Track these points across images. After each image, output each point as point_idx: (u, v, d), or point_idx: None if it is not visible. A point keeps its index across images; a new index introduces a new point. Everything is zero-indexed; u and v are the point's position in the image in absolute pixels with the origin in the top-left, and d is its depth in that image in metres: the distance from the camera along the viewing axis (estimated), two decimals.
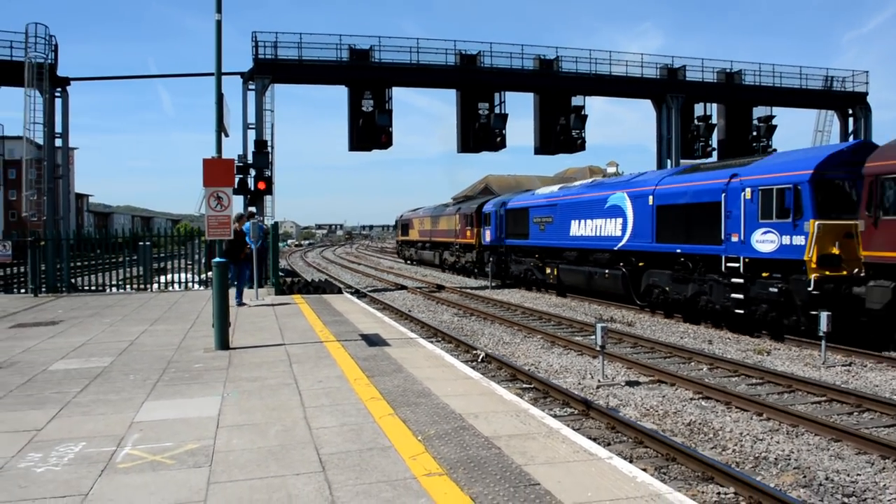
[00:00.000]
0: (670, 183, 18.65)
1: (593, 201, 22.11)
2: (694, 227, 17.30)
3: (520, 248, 28.28)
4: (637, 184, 20.20)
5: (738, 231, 15.81)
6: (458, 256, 38.36)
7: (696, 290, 17.39)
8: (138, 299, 18.44)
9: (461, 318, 19.53)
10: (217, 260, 10.39)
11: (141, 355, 10.06)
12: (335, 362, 9.37)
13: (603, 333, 11.03)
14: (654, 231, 18.86)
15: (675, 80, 32.53)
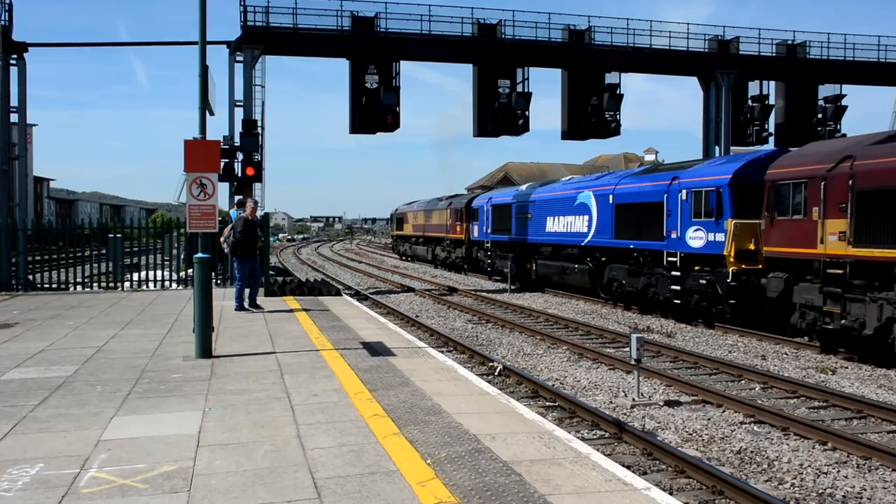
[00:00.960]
0: (627, 183, 22.83)
1: (565, 199, 26.58)
2: (644, 224, 21.27)
3: (503, 243, 32.91)
4: (601, 183, 24.59)
5: (676, 229, 19.84)
6: (449, 252, 42.42)
7: (645, 283, 21.27)
8: (107, 299, 18.51)
9: (476, 326, 19.52)
10: (199, 256, 10.41)
11: (110, 363, 10.09)
12: (333, 374, 9.36)
13: (638, 345, 10.98)
14: (613, 228, 23.03)
15: (727, 54, 32.16)
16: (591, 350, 15.04)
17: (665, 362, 14.38)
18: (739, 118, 32.47)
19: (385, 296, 27.18)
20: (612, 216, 23.10)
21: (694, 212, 19.29)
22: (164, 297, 19.12)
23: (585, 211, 24.97)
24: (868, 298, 13.68)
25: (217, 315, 13.87)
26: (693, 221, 19.26)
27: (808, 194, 15.20)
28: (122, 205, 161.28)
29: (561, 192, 27.35)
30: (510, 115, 29.18)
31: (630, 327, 19.10)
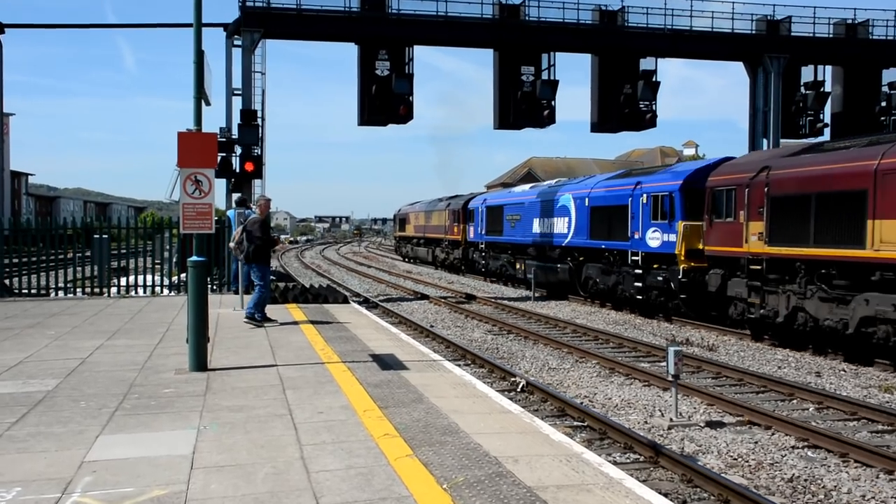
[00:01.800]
0: (601, 187, 26.83)
1: (549, 201, 30.47)
2: (613, 226, 25.09)
3: (496, 244, 37.25)
4: (580, 187, 28.71)
5: (638, 230, 23.51)
6: (448, 253, 46.66)
7: (615, 281, 25.12)
8: (92, 306, 18.63)
9: (496, 337, 19.52)
10: (194, 259, 10.45)
11: (95, 377, 10.14)
12: (339, 389, 9.38)
13: (676, 359, 10.93)
14: (588, 229, 26.88)
15: (777, 36, 31.89)
16: (623, 364, 15.01)
17: (706, 378, 14.33)
18: (791, 107, 32.16)
19: (397, 303, 27.22)
20: (588, 218, 27.04)
21: (652, 214, 22.93)
22: (154, 304, 19.22)
23: (566, 213, 28.94)
24: (780, 290, 17.58)
25: (213, 324, 13.92)
26: (652, 223, 22.97)
27: (736, 200, 19.02)
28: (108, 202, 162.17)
29: (545, 195, 31.36)
30: (534, 106, 29.15)
31: (667, 339, 19.05)
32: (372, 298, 28.44)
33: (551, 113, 29.23)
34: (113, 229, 23.15)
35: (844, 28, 32.27)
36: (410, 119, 27.95)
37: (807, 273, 16.99)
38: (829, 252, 16.14)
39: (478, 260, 40.33)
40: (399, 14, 28.58)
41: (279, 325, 15.15)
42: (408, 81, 27.85)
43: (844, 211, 15.79)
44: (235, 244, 15.39)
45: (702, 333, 20.13)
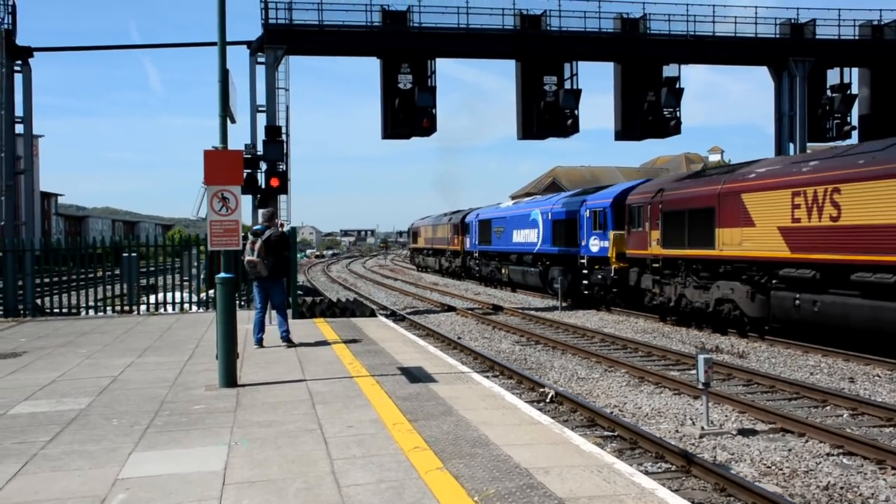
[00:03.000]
0: (560, 204, 33.29)
1: (524, 215, 37.49)
2: (567, 235, 31.70)
3: (486, 252, 44.56)
4: (545, 203, 35.48)
5: (584, 238, 29.86)
6: (451, 262, 54.05)
7: (570, 280, 31.12)
8: (122, 324, 18.78)
9: (524, 347, 19.48)
10: (222, 276, 10.52)
11: (126, 395, 10.23)
12: (369, 402, 9.40)
13: (706, 367, 10.85)
14: (552, 239, 33.47)
15: (801, 39, 31.63)
16: (653, 373, 14.93)
17: (737, 386, 14.22)
18: (817, 111, 31.83)
19: (424, 316, 27.23)
20: (551, 229, 33.61)
21: (594, 225, 29.22)
22: (183, 321, 19.35)
23: (536, 226, 35.66)
24: (671, 282, 23.45)
25: (242, 340, 13.99)
26: (593, 233, 29.23)
27: (643, 214, 25.03)
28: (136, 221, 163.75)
29: (522, 210, 38.46)
30: (558, 115, 29.09)
31: (696, 347, 18.93)
32: (399, 311, 28.47)
33: (575, 122, 29.16)
34: (141, 247, 23.34)
35: (870, 30, 31.92)
36: (434, 131, 27.99)
37: (685, 268, 22.87)
38: (695, 252, 22.09)
39: (473, 267, 48.05)
40: (420, 27, 28.68)
41: (305, 337, 15.19)
42: (430, 94, 27.90)
43: (703, 222, 21.61)
44: (260, 258, 14.14)
45: (731, 341, 19.98)
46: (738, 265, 20.35)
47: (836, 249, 16.73)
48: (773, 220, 18.87)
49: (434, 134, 28.24)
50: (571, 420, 11.56)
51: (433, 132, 27.99)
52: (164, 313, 21.43)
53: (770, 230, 18.94)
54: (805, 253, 17.73)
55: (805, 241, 17.76)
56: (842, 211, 16.66)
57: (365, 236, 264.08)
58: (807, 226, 17.69)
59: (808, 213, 17.66)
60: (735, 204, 20.27)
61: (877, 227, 15.74)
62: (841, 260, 16.60)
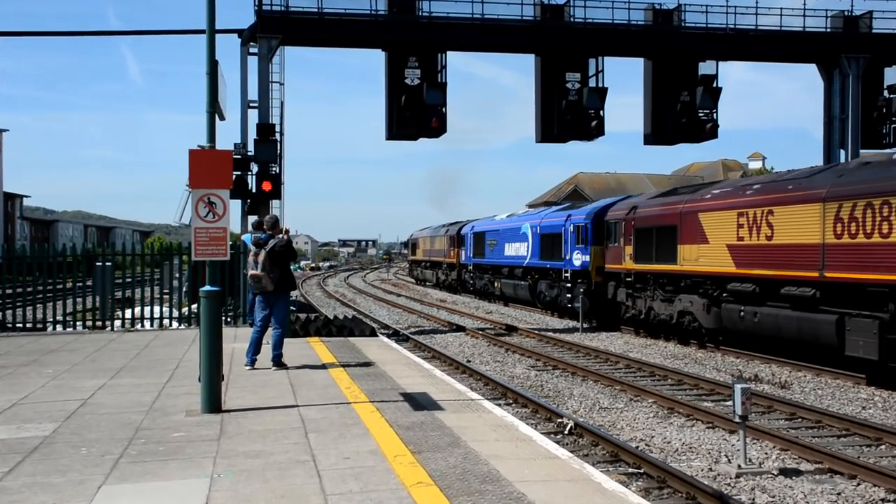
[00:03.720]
0: (548, 218, 37.13)
1: (515, 229, 41.36)
2: (554, 249, 35.20)
3: (480, 265, 48.51)
4: (534, 217, 39.35)
5: (568, 252, 33.37)
6: (447, 274, 58.31)
7: (556, 293, 35.00)
8: (93, 342, 18.80)
9: (540, 373, 19.45)
10: (207, 289, 10.52)
11: (97, 420, 10.22)
12: (367, 431, 9.38)
13: (744, 398, 10.81)
14: (540, 252, 37.13)
15: (855, 34, 31.45)
16: (684, 404, 14.88)
17: (779, 420, 14.15)
18: (872, 113, 31.53)
19: (430, 336, 27.23)
20: (539, 243, 37.37)
21: (576, 240, 32.75)
22: (163, 338, 19.37)
23: (526, 239, 39.48)
24: (641, 295, 26.89)
25: (228, 360, 13.99)
26: (576, 247, 32.78)
27: (619, 230, 28.73)
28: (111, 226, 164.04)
29: (514, 224, 42.31)
30: (581, 116, 29.07)
31: (732, 375, 18.87)
32: (402, 331, 28.45)
33: (599, 123, 29.14)
34: (117, 256, 23.24)
35: None
36: (443, 132, 27.96)
37: (654, 282, 26.36)
38: (661, 267, 25.61)
39: (468, 280, 52.02)
40: (430, 17, 28.66)
41: (298, 358, 15.19)
42: (440, 91, 27.88)
43: (668, 239, 25.06)
44: (265, 272, 14.12)
45: (772, 369, 19.92)
46: (696, 279, 23.89)
47: (771, 266, 20.25)
48: (722, 237, 22.38)
49: (444, 135, 28.26)
50: (592, 454, 11.52)
51: (443, 133, 27.98)
52: (142, 330, 21.45)
53: (720, 247, 22.46)
54: (747, 268, 21.23)
55: (747, 258, 21.24)
56: (774, 231, 20.22)
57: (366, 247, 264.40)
58: (749, 244, 21.21)
59: (749, 232, 21.22)
60: (694, 222, 23.81)
61: (799, 246, 19.23)
62: (774, 275, 20.11)
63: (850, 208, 17.73)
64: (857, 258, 17.45)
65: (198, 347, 10.79)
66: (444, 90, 27.96)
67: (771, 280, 20.25)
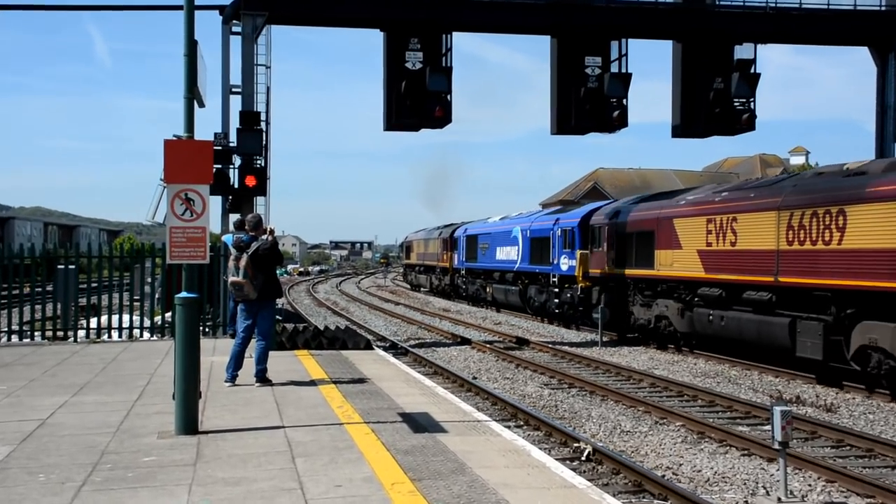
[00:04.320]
0: (538, 221, 40.60)
1: (507, 232, 44.61)
2: (542, 254, 38.36)
3: (473, 270, 51.98)
4: (525, 220, 42.75)
5: (556, 257, 36.50)
6: (440, 279, 61.84)
7: (545, 298, 38.21)
8: (54, 354, 18.76)
9: (554, 391, 19.44)
10: (183, 295, 10.49)
11: (57, 443, 10.19)
12: (362, 456, 9.37)
13: (785, 422, 10.75)
14: (529, 256, 40.45)
15: None
16: (716, 427, 14.85)
17: (824, 447, 14.13)
18: None
19: (431, 349, 27.23)
20: (529, 247, 40.68)
21: (563, 244, 35.86)
22: (132, 350, 19.36)
23: (516, 243, 42.80)
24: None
25: (206, 376, 13.97)
26: (563, 251, 35.87)
27: (602, 234, 31.63)
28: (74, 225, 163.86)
29: (505, 227, 45.74)
30: (601, 105, 28.98)
31: (771, 396, 18.83)
32: (401, 343, 28.45)
33: (622, 114, 29.08)
34: (81, 258, 23.20)
35: None
36: (448, 122, 27.89)
37: (634, 287, 29.40)
38: (640, 272, 28.72)
39: (460, 285, 55.50)
40: None
41: (286, 376, 15.17)
42: (445, 76, 27.80)
43: (646, 244, 27.98)
44: (247, 279, 14.01)
45: (816, 390, 19.86)
46: (671, 284, 26.90)
47: (735, 271, 23.17)
48: (694, 243, 25.41)
49: (448, 125, 28.20)
50: (613, 484, 11.50)
51: (447, 123, 27.90)
52: (109, 341, 21.41)
53: (692, 253, 25.47)
54: (715, 273, 24.18)
55: (715, 263, 24.23)
56: (738, 237, 23.17)
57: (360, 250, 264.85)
58: (716, 249, 24.24)
59: (717, 238, 24.24)
60: (669, 228, 26.85)
61: (759, 252, 22.13)
62: (737, 280, 23.11)
63: (799, 217, 20.75)
64: (805, 264, 20.48)
65: (172, 361, 10.76)
66: (450, 76, 27.88)
67: (735, 284, 23.28)
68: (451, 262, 57.28)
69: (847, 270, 19.05)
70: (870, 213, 18.68)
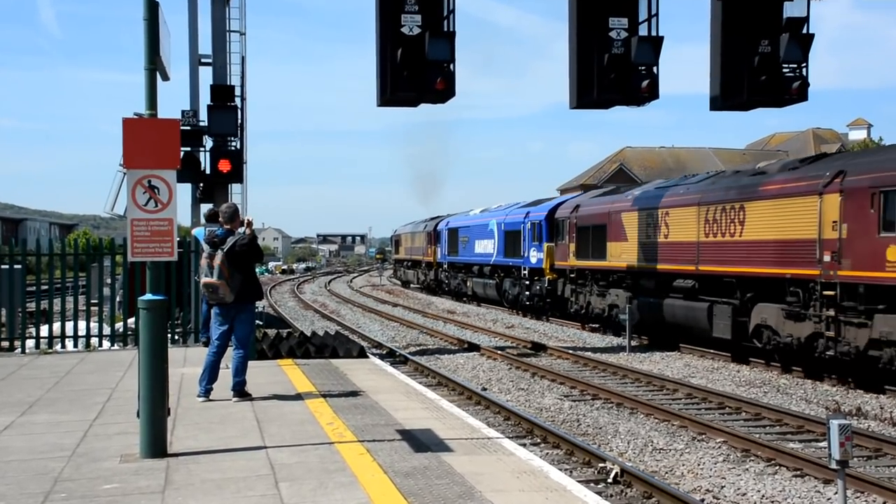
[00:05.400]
0: (510, 214, 46.50)
1: (484, 225, 50.80)
2: (515, 247, 44.28)
3: (454, 264, 58.82)
4: (500, 214, 48.80)
5: (526, 250, 42.34)
6: (425, 274, 69.16)
7: (518, 291, 43.97)
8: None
9: (576, 403, 19.48)
10: (148, 298, 10.51)
11: (2, 469, 10.21)
12: (355, 480, 9.42)
13: (844, 438, 10.76)
14: (504, 250, 46.37)
15: None
16: (763, 444, 14.86)
17: (891, 466, 14.13)
18: None
19: (434, 357, 27.33)
20: (504, 240, 46.72)
21: (533, 238, 41.82)
22: (90, 361, 19.39)
23: (492, 236, 48.91)
24: (582, 290, 35.28)
25: (175, 390, 14.01)
26: (533, 244, 41.86)
27: (565, 228, 37.33)
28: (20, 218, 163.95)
29: (483, 219, 52.10)
30: (628, 74, 28.84)
31: (827, 408, 18.82)
32: (399, 350, 28.48)
33: (652, 83, 28.95)
34: (29, 256, 23.20)
35: None
36: (451, 96, 27.73)
37: (591, 278, 35.44)
38: (595, 263, 34.59)
39: (443, 280, 62.55)
40: None
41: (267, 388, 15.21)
42: (447, 42, 27.63)
43: (600, 237, 33.74)
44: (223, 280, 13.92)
45: (881, 401, 19.83)
46: (620, 274, 32.97)
47: (668, 261, 29.08)
48: (636, 236, 31.09)
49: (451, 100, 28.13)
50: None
51: (450, 97, 27.77)
52: (63, 351, 21.41)
53: (636, 245, 31.16)
54: (654, 264, 29.97)
55: (653, 254, 29.94)
56: (670, 230, 28.98)
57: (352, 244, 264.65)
58: (653, 241, 29.91)
59: (655, 231, 29.86)
60: (618, 222, 32.72)
61: (685, 244, 27.89)
62: (670, 269, 29.02)
63: (714, 212, 26.50)
64: (718, 254, 26.27)
65: (136, 373, 10.79)
66: (452, 42, 27.71)
67: (669, 274, 29.20)
68: (434, 257, 64.31)
69: (746, 259, 24.90)
70: (761, 208, 24.49)
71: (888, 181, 20.30)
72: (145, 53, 10.58)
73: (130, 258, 10.69)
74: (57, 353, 21.13)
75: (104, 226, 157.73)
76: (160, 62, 10.87)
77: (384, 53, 27.94)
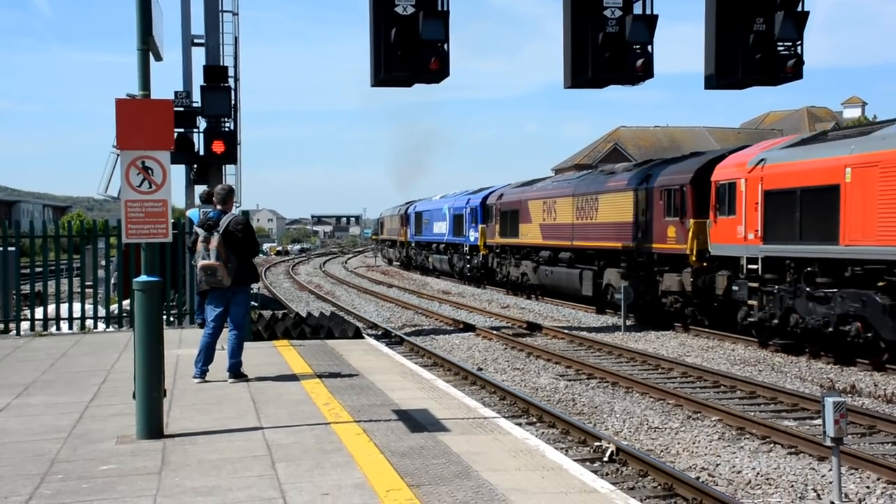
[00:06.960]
0: (457, 200, 57.95)
1: (440, 209, 61.57)
2: (460, 227, 56.03)
3: (420, 242, 69.14)
4: (449, 201, 60.19)
5: (468, 230, 54.55)
6: (400, 253, 79.48)
7: (462, 264, 56.21)
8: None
9: (571, 383, 19.52)
10: (143, 279, 10.49)
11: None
12: (352, 459, 9.43)
13: (838, 415, 10.78)
14: (453, 230, 57.52)
15: None
16: (757, 422, 14.90)
17: (884, 444, 14.16)
18: None
19: (430, 337, 27.37)
20: (452, 222, 56.93)
21: (471, 220, 52.61)
22: (85, 343, 19.37)
23: (444, 218, 59.33)
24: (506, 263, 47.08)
25: (171, 371, 13.98)
26: (472, 226, 52.49)
27: (493, 212, 48.70)
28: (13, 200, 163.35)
29: (438, 204, 63.04)
30: (623, 52, 28.80)
31: (822, 386, 18.86)
32: (394, 331, 28.50)
33: (647, 62, 28.93)
34: (22, 238, 23.13)
35: None
36: (445, 76, 27.69)
37: (510, 252, 45.67)
38: (512, 241, 44.59)
39: (412, 257, 72.75)
40: None
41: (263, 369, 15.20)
42: (441, 22, 27.56)
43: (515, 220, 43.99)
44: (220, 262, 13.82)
45: (874, 378, 19.87)
46: (528, 249, 42.81)
47: (555, 238, 38.73)
48: (538, 219, 40.95)
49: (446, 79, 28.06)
50: (640, 487, 11.58)
51: (444, 77, 27.73)
52: (58, 333, 21.38)
53: (537, 226, 41.01)
54: (547, 241, 39.68)
55: (547, 233, 39.77)
56: (557, 215, 38.61)
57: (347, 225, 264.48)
58: (548, 223, 39.63)
59: (548, 215, 39.74)
60: (526, 208, 42.40)
61: (565, 225, 37.50)
62: (557, 245, 38.56)
63: (582, 201, 35.96)
64: (584, 233, 35.58)
65: (131, 355, 10.77)
66: (446, 21, 27.62)
67: (557, 248, 38.84)
68: (405, 237, 74.88)
69: (600, 236, 34.14)
70: (607, 199, 33.79)
71: (666, 183, 29.69)
72: (138, 34, 10.52)
73: (125, 240, 10.65)
74: (52, 335, 21.10)
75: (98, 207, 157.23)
76: (153, 42, 10.82)
77: (378, 33, 27.85)
